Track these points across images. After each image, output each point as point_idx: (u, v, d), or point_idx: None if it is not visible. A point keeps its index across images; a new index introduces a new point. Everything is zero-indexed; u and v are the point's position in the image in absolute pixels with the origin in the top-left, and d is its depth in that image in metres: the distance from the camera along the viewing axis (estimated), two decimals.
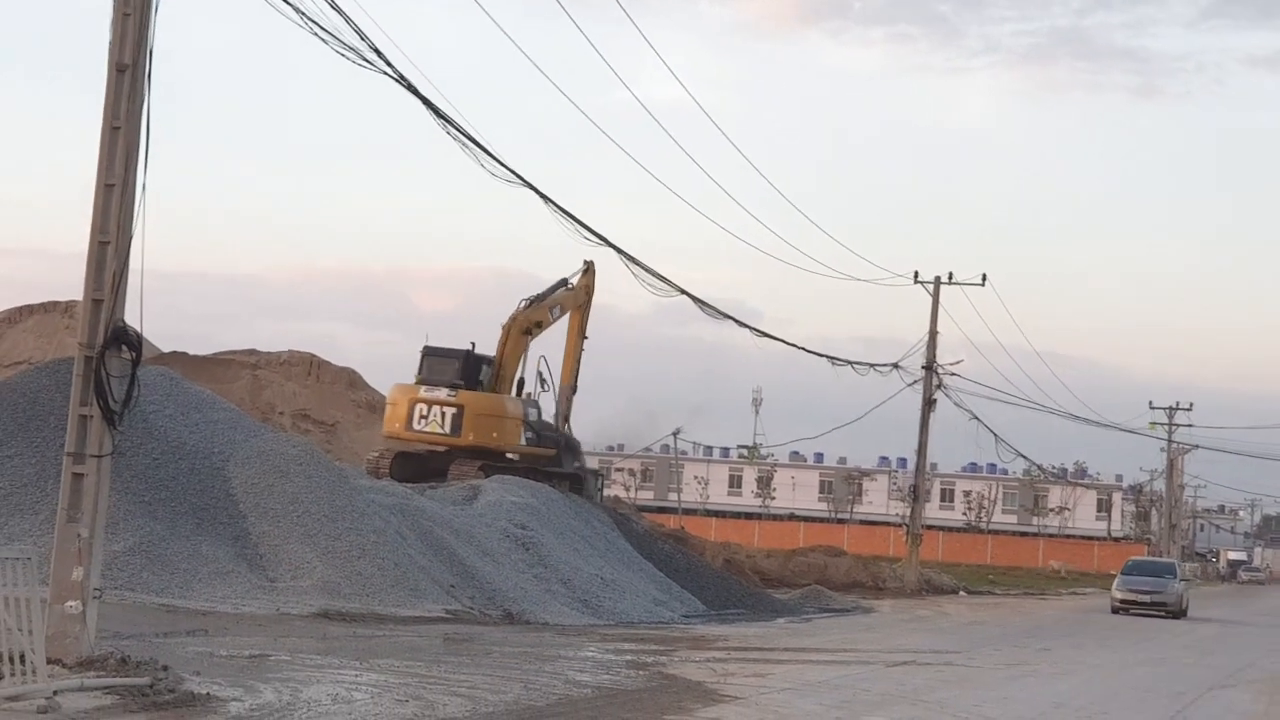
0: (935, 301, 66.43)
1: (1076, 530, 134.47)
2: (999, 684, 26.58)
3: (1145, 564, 64.73)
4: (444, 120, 25.06)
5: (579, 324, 51.05)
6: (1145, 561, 66.37)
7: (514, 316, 48.59)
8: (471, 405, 46.21)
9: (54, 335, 64.12)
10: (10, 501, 30.32)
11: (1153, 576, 59.78)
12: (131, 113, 19.01)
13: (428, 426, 46.24)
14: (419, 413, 46.14)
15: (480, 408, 46.40)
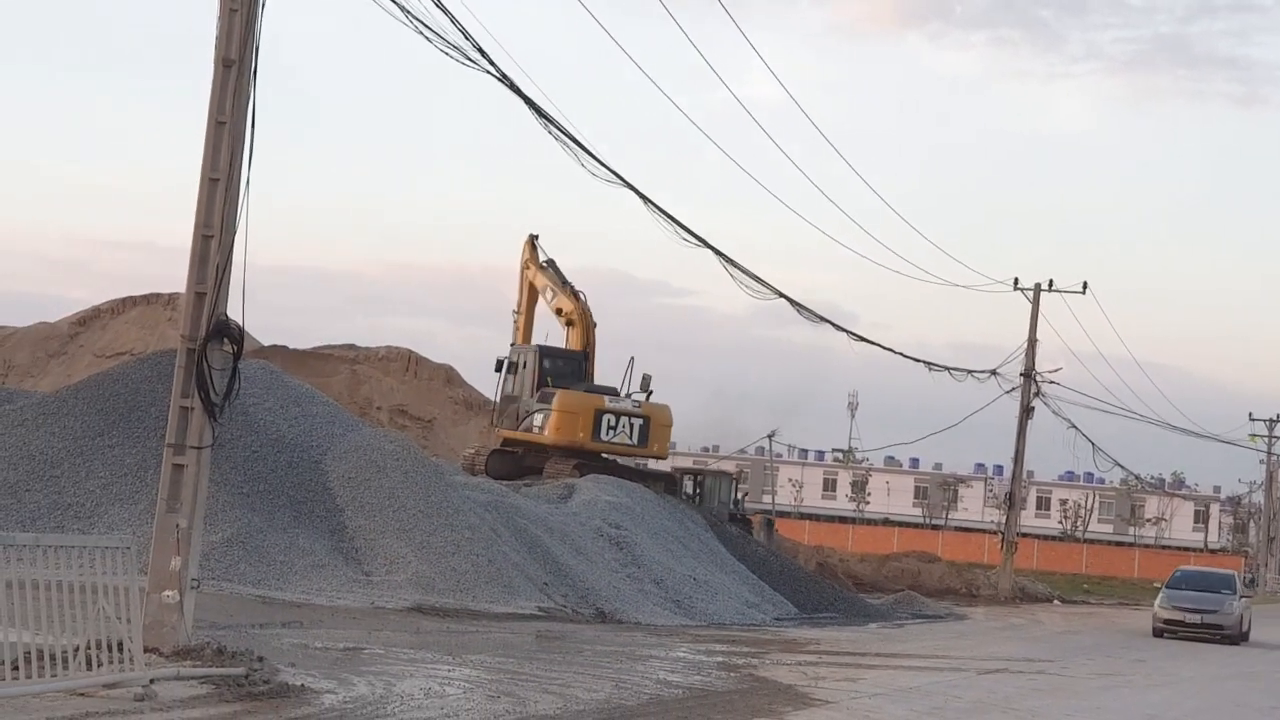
0: (1035, 309, 65.98)
1: (1173, 541, 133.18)
2: (1091, 694, 26.40)
3: (1196, 576, 50.31)
4: (546, 119, 25.15)
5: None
6: (1197, 573, 51.50)
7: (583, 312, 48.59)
8: (656, 417, 46.89)
9: (156, 327, 64.80)
10: (110, 491, 30.67)
11: (1206, 592, 47.06)
12: (236, 108, 19.19)
13: (616, 437, 46.69)
14: (607, 423, 46.43)
15: (662, 419, 47.13)
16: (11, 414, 33.31)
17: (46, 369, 65.21)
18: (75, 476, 31.06)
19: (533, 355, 47.53)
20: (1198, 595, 46.12)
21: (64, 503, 30.41)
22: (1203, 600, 45.71)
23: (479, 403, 67.47)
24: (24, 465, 31.32)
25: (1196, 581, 48.09)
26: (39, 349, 67.15)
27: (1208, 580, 48.55)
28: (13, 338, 69.00)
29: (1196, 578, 48.94)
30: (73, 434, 32.12)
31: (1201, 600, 45.75)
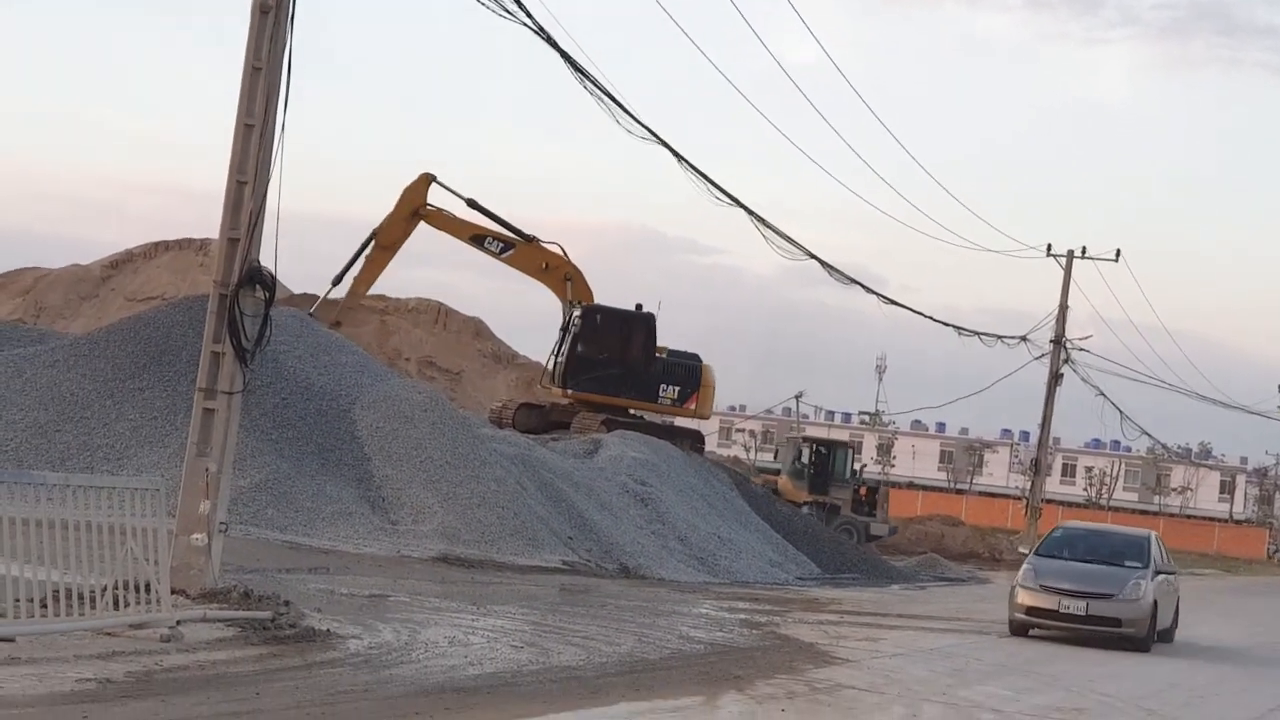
0: (1067, 275, 65.77)
1: (1198, 511, 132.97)
2: (1113, 660, 26.43)
3: (1088, 538, 31.73)
4: (581, 74, 25.15)
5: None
6: (1089, 533, 32.82)
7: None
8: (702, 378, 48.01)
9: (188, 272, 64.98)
10: (140, 433, 30.80)
11: (1099, 564, 29.66)
12: (273, 54, 19.22)
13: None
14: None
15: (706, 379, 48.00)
16: (43, 355, 33.46)
17: (78, 311, 65.41)
18: (105, 418, 31.21)
19: (644, 323, 47.24)
20: (1084, 570, 29.10)
21: (94, 444, 30.56)
22: (1091, 578, 28.66)
23: (508, 356, 67.59)
24: (54, 406, 31.47)
25: (1087, 546, 30.66)
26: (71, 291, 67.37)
27: (1106, 545, 30.78)
28: (45, 279, 69.22)
29: (1088, 541, 31.14)
30: (103, 376, 32.26)
31: (1089, 577, 28.68)
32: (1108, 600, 28.05)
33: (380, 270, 46.73)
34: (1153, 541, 30.62)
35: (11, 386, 32.01)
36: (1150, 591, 28.53)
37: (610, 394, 46.66)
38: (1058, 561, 29.42)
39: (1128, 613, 28.06)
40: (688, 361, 48.05)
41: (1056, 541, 30.95)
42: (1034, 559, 30.04)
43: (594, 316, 46.71)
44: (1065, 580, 28.47)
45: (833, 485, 56.16)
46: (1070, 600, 28.03)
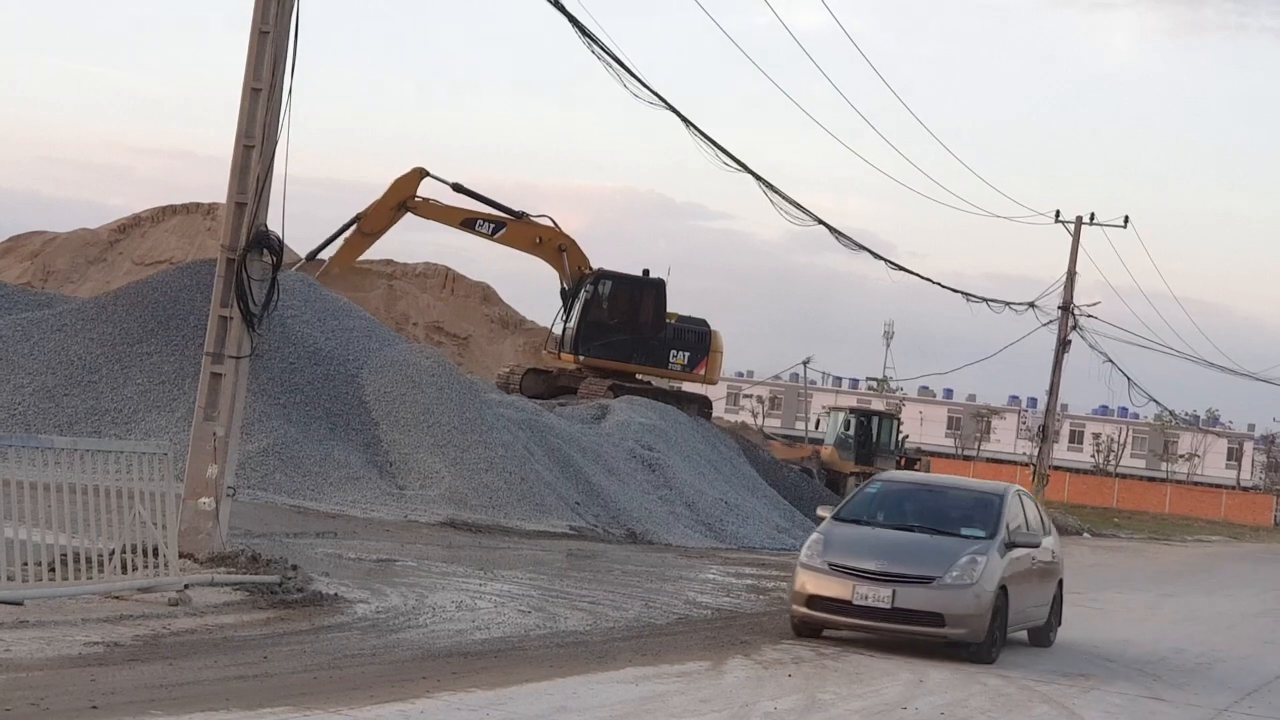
0: (1075, 242, 65.67)
1: (1205, 478, 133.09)
2: (1120, 627, 26.47)
3: (915, 495, 22.28)
4: (589, 38, 25.09)
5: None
6: (916, 487, 22.85)
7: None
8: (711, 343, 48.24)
9: (195, 236, 64.91)
10: (148, 398, 30.83)
11: (922, 533, 20.76)
12: (280, 18, 19.17)
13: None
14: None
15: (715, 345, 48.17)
16: (50, 319, 33.47)
17: (86, 275, 65.35)
18: (113, 383, 31.23)
19: (654, 289, 47.26)
20: (896, 541, 20.41)
21: (101, 408, 30.58)
22: (904, 553, 20.07)
23: (515, 321, 67.52)
24: (62, 370, 31.49)
25: (912, 508, 21.58)
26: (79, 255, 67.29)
27: (938, 506, 21.65)
28: (53, 243, 69.16)
29: (915, 499, 21.93)
30: (111, 340, 32.27)
31: (901, 552, 20.07)
32: (924, 587, 19.32)
33: (357, 255, 46.60)
34: (1009, 500, 21.19)
35: (19, 350, 32.03)
36: (994, 574, 19.69)
37: (621, 360, 46.68)
38: (861, 529, 20.55)
39: (954, 605, 19.22)
40: (697, 327, 48.06)
41: (868, 500, 21.49)
42: (829, 525, 20.70)
43: (605, 283, 46.68)
44: (864, 556, 19.67)
45: (878, 456, 56.28)
46: (869, 586, 19.27)
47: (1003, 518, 20.78)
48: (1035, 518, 22.23)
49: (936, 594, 19.43)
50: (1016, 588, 20.49)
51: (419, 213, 45.65)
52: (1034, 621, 22.07)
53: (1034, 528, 21.84)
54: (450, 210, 46.16)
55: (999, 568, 20.00)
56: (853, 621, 19.66)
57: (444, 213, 46.10)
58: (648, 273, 47.61)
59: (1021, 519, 21.48)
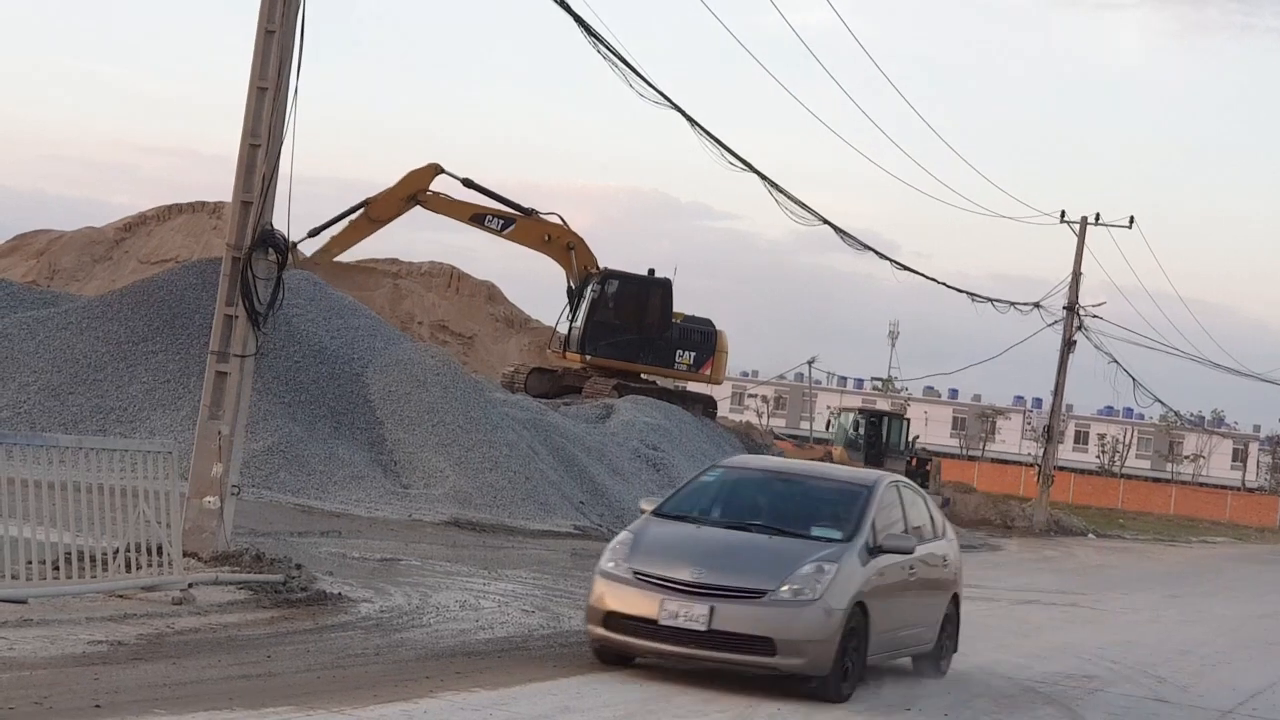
0: (1081, 242, 65.68)
1: (1210, 479, 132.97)
2: (1124, 628, 26.45)
3: (764, 485, 17.62)
4: (595, 39, 25.09)
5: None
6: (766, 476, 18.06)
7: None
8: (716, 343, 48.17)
9: (201, 235, 64.94)
10: (153, 396, 30.84)
11: (761, 532, 16.14)
12: (286, 17, 19.17)
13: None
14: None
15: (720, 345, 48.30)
16: (56, 317, 33.48)
17: (91, 273, 65.38)
18: (118, 381, 31.25)
19: (661, 289, 47.26)
20: (724, 542, 16.04)
21: (106, 407, 30.60)
22: (731, 558, 15.70)
23: (520, 320, 67.55)
24: (67, 369, 31.51)
25: (759, 500, 17.25)
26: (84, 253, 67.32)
27: (790, 498, 17.22)
28: (59, 242, 69.20)
29: (764, 489, 17.56)
30: (116, 339, 32.29)
31: (726, 557, 15.70)
32: (751, 603, 15.11)
33: (360, 239, 46.40)
34: (880, 494, 16.91)
35: (25, 349, 32.05)
36: (848, 586, 15.47)
37: (628, 359, 46.71)
38: (685, 527, 16.34)
39: (789, 627, 15.05)
40: (702, 327, 48.09)
41: (701, 491, 17.22)
42: (645, 522, 16.57)
43: (612, 282, 46.70)
44: (680, 562, 15.45)
45: (888, 456, 56.34)
46: (681, 602, 15.06)
47: (867, 515, 16.38)
48: (924, 516, 18.13)
49: (767, 612, 15.02)
50: (883, 604, 16.08)
51: (429, 206, 45.63)
52: (914, 646, 17.63)
53: (921, 528, 17.76)
54: (460, 205, 46.15)
55: (856, 579, 15.63)
56: (660, 647, 15.20)
57: (454, 207, 46.09)
58: (653, 272, 47.64)
59: (898, 518, 17.12)
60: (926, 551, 17.54)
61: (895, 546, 16.41)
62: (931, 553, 17.81)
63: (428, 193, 45.29)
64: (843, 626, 15.31)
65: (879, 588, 16.09)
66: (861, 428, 57.79)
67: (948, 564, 18.48)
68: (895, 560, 16.50)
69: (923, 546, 17.36)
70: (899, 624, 16.85)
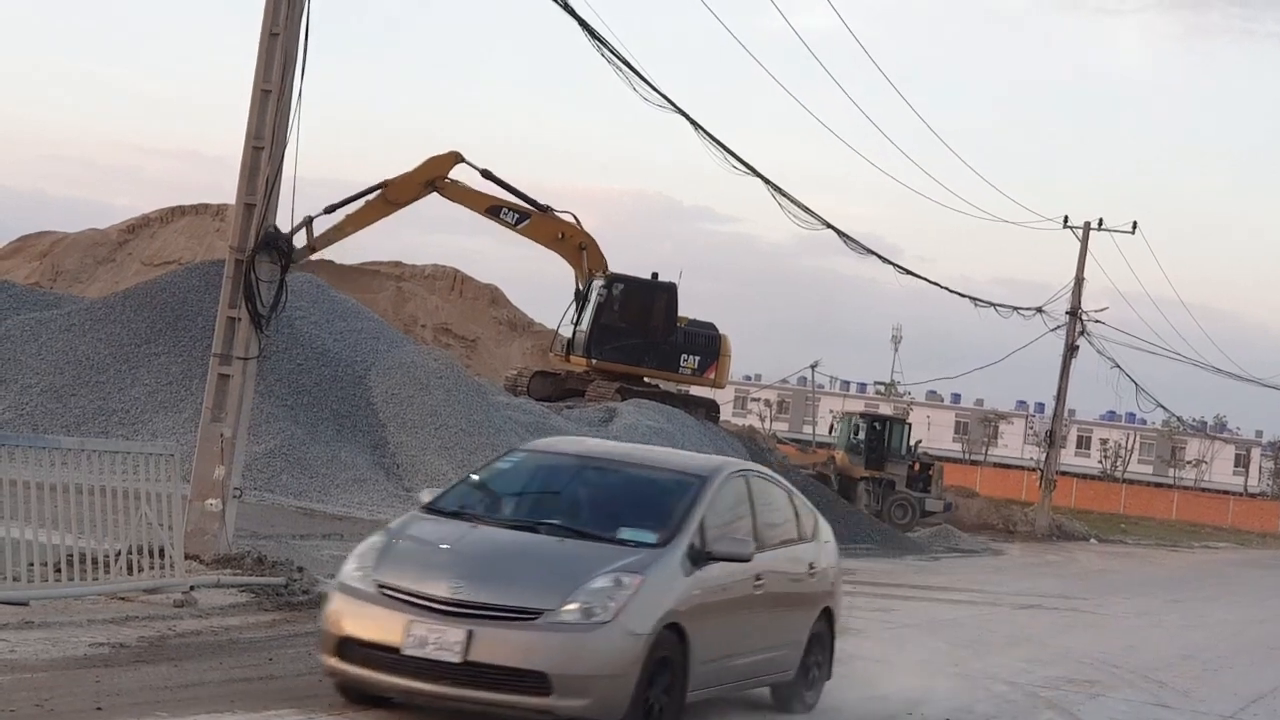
0: (1084, 247, 65.69)
1: (1212, 484, 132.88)
2: (1125, 633, 26.44)
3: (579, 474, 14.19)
4: (599, 41, 25.09)
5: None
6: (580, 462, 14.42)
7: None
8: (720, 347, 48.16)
9: (204, 237, 64.96)
10: (155, 399, 30.85)
11: (555, 534, 12.94)
12: (291, 20, 19.18)
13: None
14: None
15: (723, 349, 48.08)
16: (59, 319, 33.50)
17: (95, 275, 65.40)
18: (121, 383, 31.25)
19: (666, 293, 47.32)
20: (501, 545, 12.80)
21: (109, 409, 30.60)
22: (504, 567, 12.46)
23: (523, 323, 67.54)
24: (70, 370, 31.51)
25: (556, 492, 14.08)
26: (88, 255, 67.34)
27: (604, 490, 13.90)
28: (62, 243, 69.22)
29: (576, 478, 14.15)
30: (119, 341, 32.29)
31: (499, 565, 12.47)
32: (520, 627, 12.00)
33: (375, 219, 45.86)
34: (716, 488, 13.71)
35: (27, 350, 32.06)
36: (655, 604, 12.35)
37: (633, 363, 46.73)
38: (457, 526, 13.21)
39: (569, 659, 11.91)
40: (706, 331, 48.09)
41: (492, 481, 14.34)
42: (411, 519, 13.73)
43: (617, 286, 46.70)
44: (437, 572, 12.39)
45: (889, 461, 56.32)
46: (432, 624, 11.96)
47: (694, 514, 13.16)
48: (784, 514, 15.02)
49: (541, 639, 11.81)
50: (711, 626, 12.91)
51: (446, 193, 45.44)
52: (765, 675, 14.48)
53: (779, 528, 14.78)
54: (477, 195, 46.03)
55: (670, 594, 12.49)
56: (403, 684, 12.02)
57: (470, 197, 45.96)
58: (657, 275, 47.64)
59: (742, 516, 13.97)
60: (780, 558, 14.43)
61: (728, 553, 13.11)
62: (792, 559, 14.78)
63: (446, 180, 45.22)
64: (645, 656, 12.01)
65: (705, 605, 12.84)
66: (863, 432, 57.73)
67: (816, 573, 15.25)
68: (733, 570, 13.27)
69: (773, 552, 14.22)
70: (738, 649, 13.59)
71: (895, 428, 58.44)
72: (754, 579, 13.66)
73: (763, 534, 14.14)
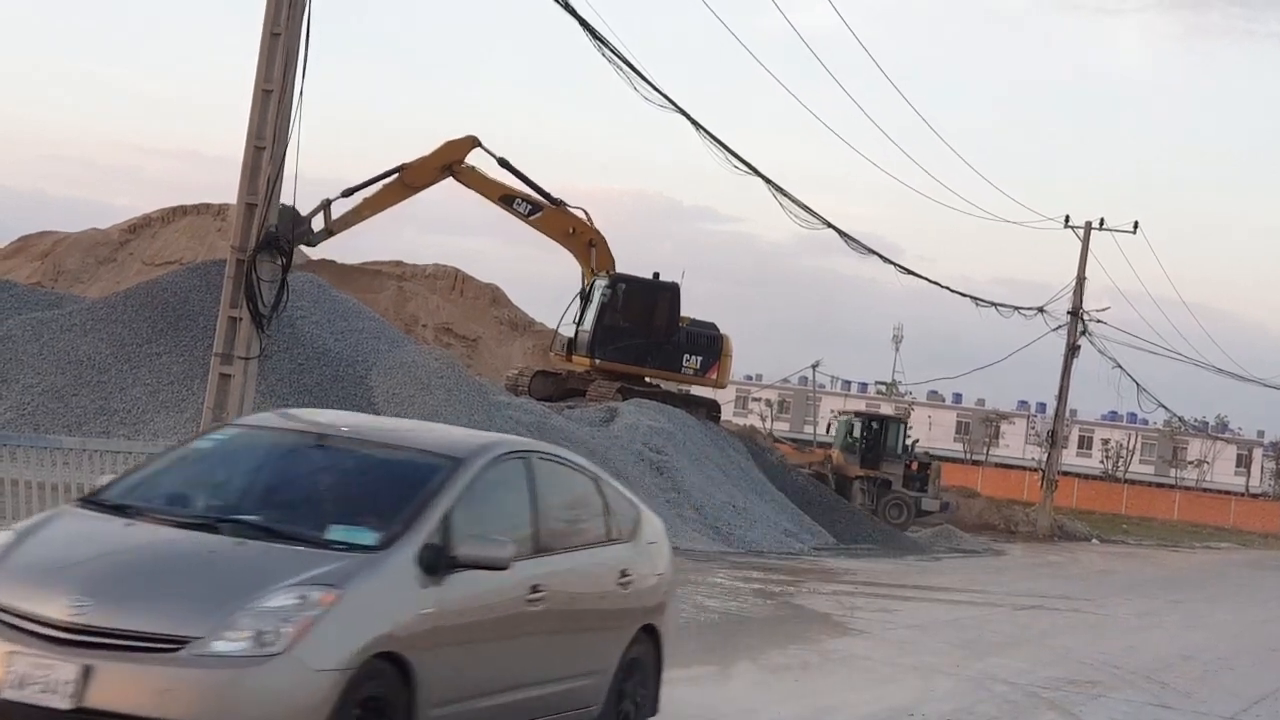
0: (1085, 247, 65.70)
1: (1214, 485, 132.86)
2: (1126, 633, 26.43)
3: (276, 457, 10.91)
4: (599, 41, 25.11)
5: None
6: (292, 443, 10.99)
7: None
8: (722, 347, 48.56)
9: (205, 237, 64.99)
10: (157, 398, 30.84)
11: (242, 533, 9.76)
12: (292, 20, 19.20)
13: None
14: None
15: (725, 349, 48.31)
16: (60, 319, 33.50)
17: (96, 275, 65.42)
18: (122, 383, 31.25)
19: (669, 293, 47.37)
20: (168, 549, 9.60)
21: (110, 408, 30.60)
22: (162, 576, 9.34)
23: (524, 323, 67.56)
24: (71, 370, 31.51)
25: (262, 479, 10.75)
26: (89, 255, 67.37)
27: (312, 481, 10.73)
28: (63, 243, 69.25)
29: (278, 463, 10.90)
30: (120, 341, 32.29)
31: (155, 575, 9.35)
32: (156, 661, 8.90)
33: (393, 203, 46.03)
34: (472, 471, 10.65)
35: (29, 350, 32.07)
36: (361, 627, 9.35)
37: (636, 363, 46.78)
38: (107, 524, 10.03)
39: (223, 707, 8.81)
40: (708, 331, 48.12)
41: (187, 463, 11.14)
42: (58, 513, 10.68)
43: (621, 285, 46.73)
44: (61, 586, 9.23)
45: (884, 460, 56.33)
46: (39, 657, 8.94)
47: (435, 505, 10.22)
48: (588, 510, 12.01)
49: (181, 678, 8.84)
50: (452, 655, 10.00)
51: (461, 178, 45.60)
52: (551, 715, 11.19)
53: (577, 524, 11.88)
54: (491, 183, 46.17)
55: (384, 613, 9.57)
56: None
57: (486, 184, 46.10)
58: (658, 275, 47.66)
59: (518, 510, 11.04)
60: (573, 564, 11.43)
61: (473, 557, 10.06)
62: (593, 566, 11.73)
63: (463, 165, 45.31)
64: (338, 700, 9.04)
65: (444, 628, 9.91)
66: (858, 431, 57.74)
67: (632, 582, 12.06)
68: (490, 581, 10.28)
69: (561, 558, 11.27)
70: (500, 684, 10.60)
71: (891, 427, 58.44)
72: (528, 591, 10.66)
73: (548, 533, 11.18)
